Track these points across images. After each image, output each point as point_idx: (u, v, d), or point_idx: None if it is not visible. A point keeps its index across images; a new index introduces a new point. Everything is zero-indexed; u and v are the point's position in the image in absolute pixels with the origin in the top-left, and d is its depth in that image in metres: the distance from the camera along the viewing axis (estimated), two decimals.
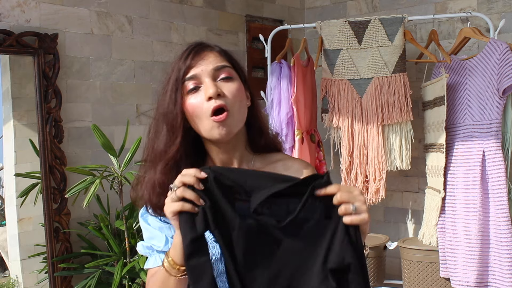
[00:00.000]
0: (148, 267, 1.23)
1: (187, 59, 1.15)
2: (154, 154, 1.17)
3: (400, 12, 3.38)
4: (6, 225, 2.81)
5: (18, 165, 2.72)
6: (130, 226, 2.60)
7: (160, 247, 1.21)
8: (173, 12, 3.20)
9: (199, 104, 1.13)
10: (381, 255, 3.01)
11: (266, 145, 1.26)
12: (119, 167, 2.60)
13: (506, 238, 2.46)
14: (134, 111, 3.03)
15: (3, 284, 2.77)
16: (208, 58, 1.15)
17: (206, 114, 1.12)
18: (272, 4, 3.79)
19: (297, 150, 2.96)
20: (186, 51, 1.17)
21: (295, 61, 2.95)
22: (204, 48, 1.16)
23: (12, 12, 2.55)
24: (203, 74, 1.13)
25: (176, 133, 1.14)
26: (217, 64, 1.14)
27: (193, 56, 1.14)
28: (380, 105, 2.91)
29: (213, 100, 1.11)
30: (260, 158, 1.25)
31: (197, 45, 1.18)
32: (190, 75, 1.13)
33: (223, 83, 1.14)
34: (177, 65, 1.16)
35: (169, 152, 1.14)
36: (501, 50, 2.52)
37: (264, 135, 1.25)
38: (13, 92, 2.68)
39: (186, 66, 1.14)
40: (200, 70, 1.13)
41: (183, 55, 1.17)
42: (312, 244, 1.00)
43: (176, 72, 1.15)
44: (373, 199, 2.98)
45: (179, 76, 1.14)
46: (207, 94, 1.11)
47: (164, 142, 1.15)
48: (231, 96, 1.13)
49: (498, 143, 2.55)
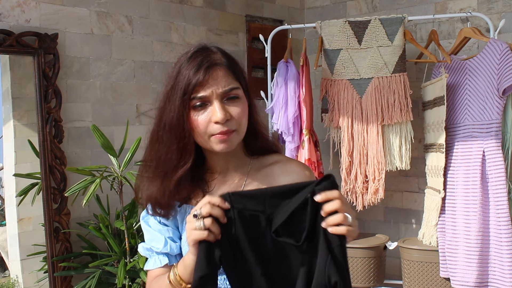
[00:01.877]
0: (148, 268, 1.25)
1: (198, 73, 1.12)
2: (163, 165, 1.17)
3: (400, 12, 3.39)
4: (6, 225, 2.81)
5: (18, 165, 2.72)
6: (130, 226, 2.60)
7: (159, 248, 1.22)
8: (173, 12, 3.20)
9: (205, 123, 1.13)
10: (381, 255, 3.01)
11: (263, 147, 1.27)
12: (119, 167, 2.60)
13: (506, 238, 2.46)
14: (134, 111, 3.03)
15: (3, 284, 2.77)
16: (218, 78, 1.13)
17: (209, 134, 1.14)
18: (272, 4, 3.79)
19: (307, 150, 2.96)
20: (194, 61, 1.14)
21: (303, 60, 2.95)
22: (214, 65, 1.14)
23: (12, 12, 2.55)
24: (213, 95, 1.13)
25: (189, 155, 1.16)
26: (226, 88, 1.14)
27: (204, 72, 1.12)
28: (380, 105, 2.91)
29: (220, 125, 1.12)
30: (257, 161, 1.26)
31: (205, 56, 1.15)
32: (200, 95, 1.12)
33: (230, 105, 1.14)
34: (185, 76, 1.13)
35: (181, 169, 1.16)
36: (501, 50, 2.52)
37: (260, 139, 1.26)
38: (13, 92, 2.68)
39: (196, 82, 1.12)
40: (210, 91, 1.12)
41: (192, 62, 1.14)
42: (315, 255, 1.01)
43: (186, 84, 1.13)
44: (372, 199, 2.98)
45: (188, 91, 1.12)
46: (215, 119, 1.12)
47: (176, 158, 1.16)
48: (238, 118, 1.15)
49: (498, 143, 2.55)
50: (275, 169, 1.23)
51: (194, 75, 1.13)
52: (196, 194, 1.22)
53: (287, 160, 1.27)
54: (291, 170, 1.23)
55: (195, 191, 1.22)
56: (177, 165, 1.16)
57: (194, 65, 1.14)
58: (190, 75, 1.13)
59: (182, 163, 1.16)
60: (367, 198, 2.99)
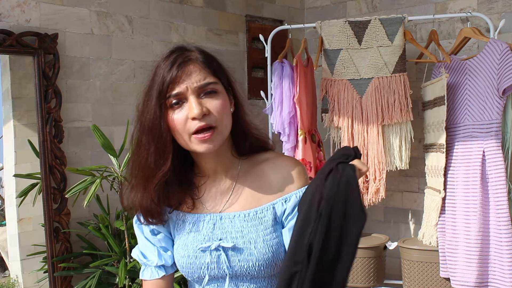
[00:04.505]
0: (144, 278, 1.25)
1: (171, 70, 1.11)
2: (144, 170, 1.15)
3: (400, 12, 3.38)
4: (6, 225, 2.81)
5: (18, 165, 2.72)
6: (130, 226, 2.60)
7: (154, 262, 1.23)
8: (173, 12, 3.20)
9: (182, 121, 1.10)
10: (381, 255, 3.01)
11: (252, 147, 1.23)
12: (119, 167, 2.60)
13: (506, 238, 2.46)
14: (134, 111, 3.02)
15: (3, 284, 2.77)
16: (192, 73, 1.11)
17: (188, 132, 1.11)
18: (272, 4, 3.79)
19: (301, 150, 2.96)
20: (168, 59, 1.13)
21: (297, 60, 2.95)
22: (188, 60, 1.12)
23: (12, 12, 2.55)
24: (188, 91, 1.10)
25: (167, 154, 1.13)
26: (201, 82, 1.11)
27: (177, 68, 1.10)
28: (380, 105, 2.91)
29: (197, 121, 1.09)
30: (246, 161, 1.23)
31: (179, 53, 1.14)
32: (175, 93, 1.10)
33: (207, 99, 1.11)
34: (159, 75, 1.12)
35: (160, 172, 1.14)
36: (501, 50, 2.52)
37: (249, 138, 1.22)
38: (13, 92, 2.68)
39: (170, 79, 1.10)
40: (184, 87, 1.10)
41: (166, 61, 1.13)
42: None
43: (160, 84, 1.11)
44: (373, 199, 2.98)
45: (162, 90, 1.11)
46: (191, 115, 1.09)
47: (154, 161, 1.13)
48: (217, 113, 1.11)
49: (498, 143, 2.55)
50: (265, 167, 1.20)
51: (167, 72, 1.11)
52: (186, 199, 1.21)
53: (277, 156, 1.24)
54: (281, 166, 1.20)
55: (185, 196, 1.21)
56: (157, 167, 1.14)
57: (168, 63, 1.12)
58: (165, 74, 1.11)
59: (161, 163, 1.13)
60: (367, 198, 2.99)
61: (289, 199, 1.17)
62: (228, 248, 1.15)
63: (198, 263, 1.16)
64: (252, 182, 1.20)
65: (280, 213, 1.17)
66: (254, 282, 1.16)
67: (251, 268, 1.14)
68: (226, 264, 1.14)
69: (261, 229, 1.15)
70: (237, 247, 1.14)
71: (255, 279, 1.16)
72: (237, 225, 1.16)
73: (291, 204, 1.17)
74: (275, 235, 1.16)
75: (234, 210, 1.18)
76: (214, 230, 1.17)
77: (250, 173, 1.21)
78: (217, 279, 1.17)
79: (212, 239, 1.16)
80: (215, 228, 1.17)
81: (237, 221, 1.17)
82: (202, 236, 1.17)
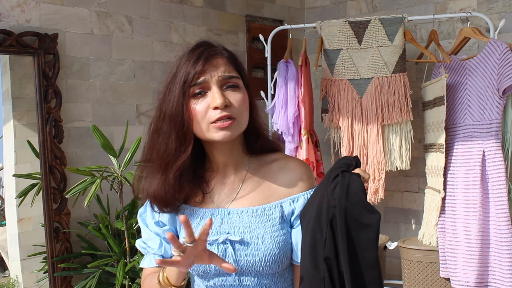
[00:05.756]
0: (143, 266, 1.27)
1: (197, 63, 1.13)
2: (163, 157, 1.17)
3: (400, 12, 3.39)
4: (6, 225, 2.81)
5: (18, 165, 2.72)
6: (130, 226, 2.60)
7: (154, 249, 1.24)
8: (173, 12, 3.20)
9: (204, 110, 1.13)
10: (381, 255, 3.01)
11: (263, 147, 1.26)
12: (119, 167, 2.60)
13: (506, 238, 2.46)
14: (134, 111, 3.03)
15: (3, 284, 2.77)
16: (218, 65, 1.14)
17: (208, 121, 1.13)
18: (272, 4, 3.79)
19: (305, 150, 2.96)
20: (194, 52, 1.16)
21: (302, 60, 2.95)
22: (214, 54, 1.15)
23: (12, 12, 2.55)
24: (212, 81, 1.13)
25: (188, 142, 1.15)
26: (226, 74, 1.14)
27: (203, 62, 1.13)
28: (380, 105, 2.91)
29: (218, 110, 1.12)
30: (256, 159, 1.25)
31: (206, 47, 1.17)
32: (199, 81, 1.13)
33: (230, 92, 1.14)
34: (185, 67, 1.14)
35: (180, 159, 1.16)
36: (501, 50, 2.52)
37: (261, 139, 1.25)
38: (13, 92, 2.68)
39: (196, 71, 1.13)
40: (209, 75, 1.13)
41: (191, 57, 1.15)
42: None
43: (185, 75, 1.13)
44: (372, 199, 2.98)
45: (187, 80, 1.13)
46: (214, 104, 1.11)
47: (175, 148, 1.15)
48: (238, 106, 1.14)
49: (498, 143, 2.55)
50: (274, 167, 1.23)
51: (193, 64, 1.13)
52: (196, 194, 1.23)
53: (286, 157, 1.27)
54: (290, 168, 1.22)
55: (195, 190, 1.22)
56: (177, 155, 1.15)
57: (194, 56, 1.15)
58: (190, 66, 1.14)
59: (182, 151, 1.15)
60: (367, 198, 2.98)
61: (297, 200, 1.19)
62: (235, 241, 1.16)
63: None
64: (261, 180, 1.22)
65: (288, 212, 1.19)
66: (258, 278, 1.17)
67: (257, 263, 1.15)
68: (233, 258, 1.15)
69: (269, 225, 1.17)
70: (244, 241, 1.16)
71: (260, 276, 1.17)
72: (245, 220, 1.18)
73: (299, 204, 1.19)
74: (282, 233, 1.18)
75: (242, 206, 1.20)
76: (222, 224, 1.19)
77: (259, 172, 1.23)
78: (222, 274, 1.18)
79: (220, 233, 1.18)
80: (223, 222, 1.19)
81: (245, 217, 1.18)
82: (210, 230, 1.19)
